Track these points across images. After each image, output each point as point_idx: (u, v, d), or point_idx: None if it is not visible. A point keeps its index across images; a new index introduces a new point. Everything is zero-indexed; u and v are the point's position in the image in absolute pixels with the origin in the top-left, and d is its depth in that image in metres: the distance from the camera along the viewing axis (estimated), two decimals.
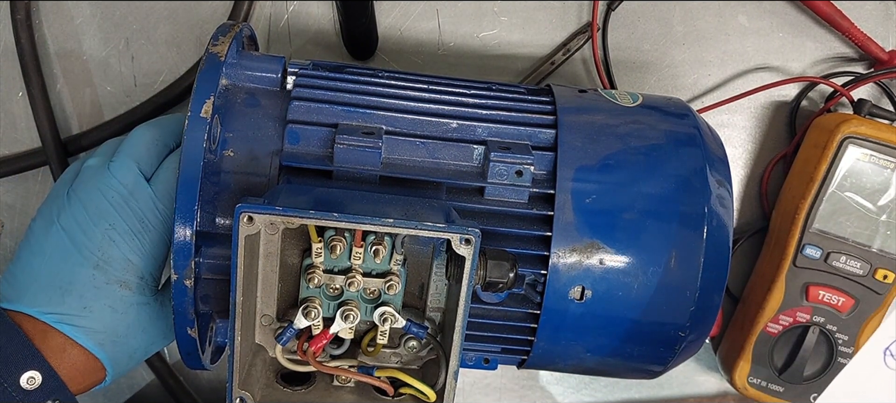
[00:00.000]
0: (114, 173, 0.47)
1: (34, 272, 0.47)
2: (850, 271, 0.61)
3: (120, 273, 0.46)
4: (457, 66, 0.66)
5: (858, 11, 0.66)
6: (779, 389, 0.64)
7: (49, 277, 0.46)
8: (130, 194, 0.47)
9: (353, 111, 0.48)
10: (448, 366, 0.44)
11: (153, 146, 0.49)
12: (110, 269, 0.46)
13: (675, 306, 0.47)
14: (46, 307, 0.46)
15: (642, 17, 0.66)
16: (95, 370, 0.47)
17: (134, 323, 0.47)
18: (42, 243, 0.47)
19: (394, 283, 0.43)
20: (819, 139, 0.62)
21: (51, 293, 0.46)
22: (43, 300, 0.46)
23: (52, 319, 0.45)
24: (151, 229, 0.47)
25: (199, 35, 0.64)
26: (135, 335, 0.48)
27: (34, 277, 0.46)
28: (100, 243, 0.46)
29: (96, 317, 0.46)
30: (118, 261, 0.46)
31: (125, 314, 0.47)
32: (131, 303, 0.47)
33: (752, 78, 0.67)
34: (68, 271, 0.46)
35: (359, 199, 0.44)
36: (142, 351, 0.49)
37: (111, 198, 0.47)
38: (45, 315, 0.45)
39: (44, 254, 0.47)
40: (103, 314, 0.46)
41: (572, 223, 0.47)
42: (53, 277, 0.46)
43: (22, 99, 0.64)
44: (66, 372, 0.45)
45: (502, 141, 0.48)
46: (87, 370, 0.47)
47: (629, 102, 0.52)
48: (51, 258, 0.46)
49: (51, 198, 0.49)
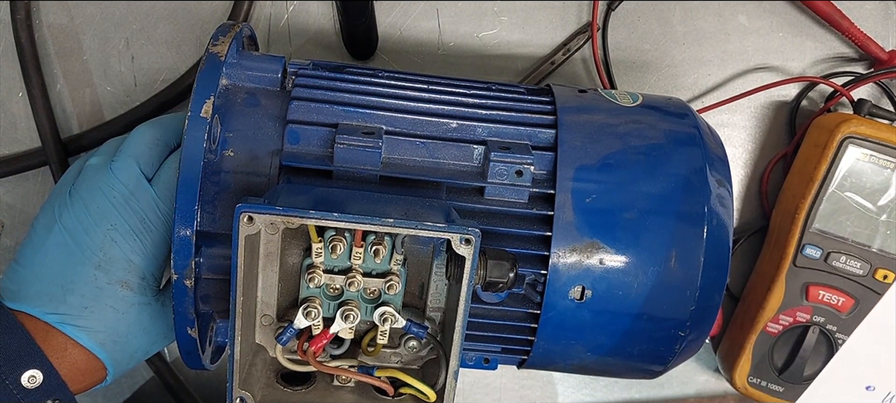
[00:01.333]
0: (115, 173, 0.47)
1: (36, 271, 0.47)
2: (850, 271, 0.61)
3: (121, 274, 0.46)
4: (457, 66, 0.66)
5: (858, 11, 0.66)
6: (779, 389, 0.64)
7: (51, 276, 0.46)
8: (132, 193, 0.47)
9: (353, 111, 0.48)
10: (448, 366, 0.44)
11: (155, 146, 0.49)
12: (112, 269, 0.46)
13: (675, 305, 0.47)
14: (48, 307, 0.46)
15: (642, 17, 0.66)
16: (96, 370, 0.47)
17: (135, 323, 0.48)
18: (44, 243, 0.47)
19: (394, 283, 0.43)
20: (819, 139, 0.62)
21: (52, 292, 0.46)
22: (45, 299, 0.46)
23: (54, 319, 0.46)
24: (153, 229, 0.47)
25: (199, 35, 0.64)
26: (136, 335, 0.48)
27: (36, 276, 0.47)
28: (101, 243, 0.46)
29: (97, 317, 0.46)
30: (120, 261, 0.46)
31: (126, 314, 0.47)
32: (133, 303, 0.47)
33: (752, 78, 0.67)
34: (70, 271, 0.46)
35: (359, 199, 0.44)
36: (142, 351, 0.50)
37: (113, 198, 0.47)
38: (46, 315, 0.46)
39: (46, 253, 0.47)
40: (104, 315, 0.46)
41: (572, 223, 0.47)
42: (55, 276, 0.46)
43: (22, 99, 0.64)
44: (67, 372, 0.45)
45: (502, 141, 0.48)
46: (88, 369, 0.47)
47: (629, 102, 0.52)
48: (53, 258, 0.46)
49: (53, 197, 0.49)
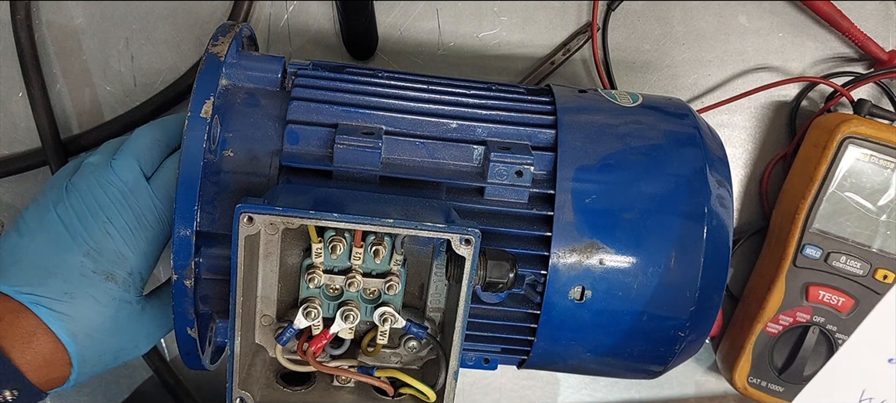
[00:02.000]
0: (115, 170, 0.48)
1: (18, 253, 0.46)
2: (850, 271, 0.61)
3: (109, 265, 0.46)
4: (457, 66, 0.66)
5: (858, 11, 0.66)
6: (779, 389, 0.64)
7: (35, 258, 0.46)
8: (130, 190, 0.47)
9: (353, 111, 0.48)
10: (448, 366, 0.44)
11: (155, 146, 0.50)
12: (101, 259, 0.46)
13: (674, 305, 0.47)
14: (25, 287, 0.45)
15: (642, 17, 0.66)
16: (60, 364, 0.46)
17: (111, 320, 0.47)
18: (32, 229, 0.47)
19: (394, 283, 0.43)
20: (819, 139, 0.62)
21: (33, 273, 0.46)
22: (23, 279, 0.45)
23: (29, 299, 0.45)
24: (147, 228, 0.48)
25: (199, 35, 0.64)
26: (110, 334, 0.47)
27: (17, 257, 0.46)
28: (95, 233, 0.46)
29: (76, 305, 0.46)
30: (110, 252, 0.46)
31: (106, 307, 0.47)
32: (114, 298, 0.47)
33: (752, 78, 0.67)
34: (58, 255, 0.46)
35: (359, 199, 0.44)
36: (111, 356, 0.49)
37: (111, 193, 0.47)
38: (21, 295, 0.45)
39: (33, 238, 0.47)
40: (84, 304, 0.46)
41: (572, 223, 0.47)
42: (40, 258, 0.46)
43: (22, 99, 0.64)
44: (30, 360, 0.44)
45: (502, 141, 0.48)
46: (53, 362, 0.46)
47: (629, 102, 0.52)
48: (40, 242, 0.46)
49: (47, 190, 0.49)
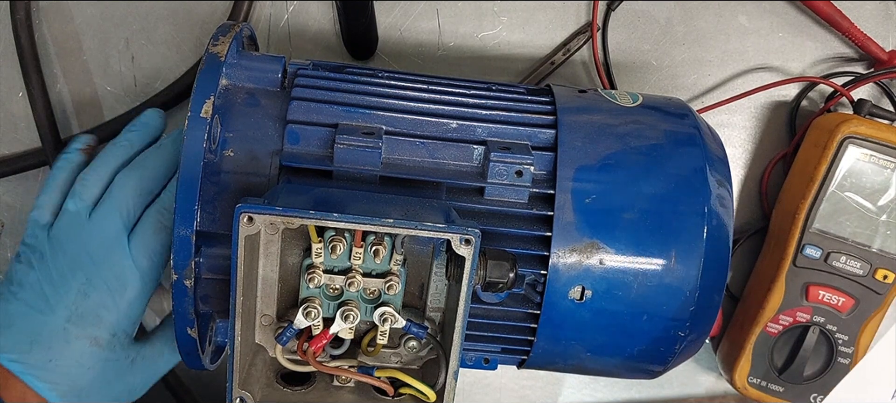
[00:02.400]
0: (95, 225, 0.47)
1: (10, 316, 0.47)
2: (850, 271, 0.61)
3: (92, 329, 0.47)
4: (457, 66, 0.66)
5: (858, 11, 0.66)
6: (779, 389, 0.64)
7: (22, 323, 0.46)
8: (111, 248, 0.47)
9: (353, 111, 0.48)
10: (448, 366, 0.44)
11: (137, 196, 0.49)
12: (83, 323, 0.46)
13: (674, 305, 0.47)
14: (13, 354, 0.46)
15: (642, 17, 0.66)
16: None
17: (99, 378, 0.48)
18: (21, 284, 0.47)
19: (394, 283, 0.43)
20: (819, 139, 0.62)
21: (19, 340, 0.46)
22: (11, 345, 0.46)
23: (17, 368, 0.46)
24: (128, 287, 0.47)
25: (199, 35, 0.64)
26: (98, 388, 0.48)
27: (9, 321, 0.47)
28: (75, 296, 0.46)
29: (61, 371, 0.46)
30: (91, 317, 0.47)
31: (91, 368, 0.47)
32: (99, 359, 0.47)
33: (752, 78, 0.67)
34: (40, 320, 0.46)
35: (359, 199, 0.44)
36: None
37: (91, 251, 0.47)
38: (11, 363, 0.46)
39: (18, 299, 0.47)
40: (69, 369, 0.46)
41: (572, 223, 0.47)
42: (24, 323, 0.46)
43: (22, 99, 0.63)
44: None
45: (502, 141, 0.48)
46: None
47: (629, 102, 0.52)
48: (25, 303, 0.47)
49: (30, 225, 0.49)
